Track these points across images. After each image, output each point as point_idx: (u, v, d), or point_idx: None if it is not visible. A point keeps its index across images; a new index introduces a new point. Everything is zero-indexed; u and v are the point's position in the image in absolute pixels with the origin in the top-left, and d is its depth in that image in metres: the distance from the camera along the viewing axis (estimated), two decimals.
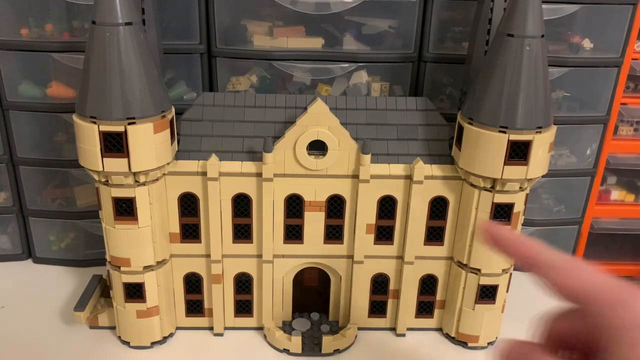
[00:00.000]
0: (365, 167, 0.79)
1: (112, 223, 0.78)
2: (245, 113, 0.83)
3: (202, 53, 0.92)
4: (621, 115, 1.00)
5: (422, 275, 0.88)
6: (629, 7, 0.90)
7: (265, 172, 0.78)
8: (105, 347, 0.87)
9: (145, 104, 0.71)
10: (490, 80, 0.73)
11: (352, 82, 0.95)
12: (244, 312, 0.90)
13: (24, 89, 0.93)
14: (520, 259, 0.36)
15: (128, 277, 0.81)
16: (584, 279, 0.32)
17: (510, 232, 0.37)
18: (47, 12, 0.90)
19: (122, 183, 0.75)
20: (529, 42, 0.69)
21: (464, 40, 0.93)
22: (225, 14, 0.90)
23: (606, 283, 0.32)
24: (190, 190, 0.81)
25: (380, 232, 0.85)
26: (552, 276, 0.33)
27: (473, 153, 0.76)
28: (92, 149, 0.72)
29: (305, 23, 0.91)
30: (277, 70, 0.93)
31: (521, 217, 0.81)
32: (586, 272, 0.33)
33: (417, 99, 0.85)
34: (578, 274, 0.33)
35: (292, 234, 0.84)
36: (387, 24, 0.93)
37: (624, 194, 1.09)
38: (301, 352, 0.85)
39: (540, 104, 0.72)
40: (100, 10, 0.67)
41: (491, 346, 0.90)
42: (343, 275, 0.87)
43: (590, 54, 0.94)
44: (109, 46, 0.68)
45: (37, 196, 1.02)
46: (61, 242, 1.06)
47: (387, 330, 0.92)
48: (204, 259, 0.85)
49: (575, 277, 0.33)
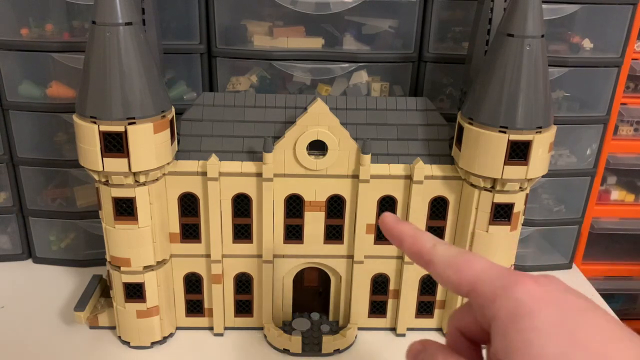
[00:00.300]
0: (365, 167, 0.79)
1: (112, 223, 0.78)
2: (245, 113, 0.83)
3: (202, 53, 0.92)
4: (621, 115, 1.00)
5: (422, 275, 0.88)
6: (629, 7, 0.90)
7: (265, 172, 0.78)
8: (105, 347, 0.87)
9: (145, 104, 0.71)
10: (490, 80, 0.72)
11: (352, 82, 0.95)
12: (244, 312, 0.90)
13: (24, 89, 0.93)
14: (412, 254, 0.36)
15: (128, 277, 0.81)
16: (468, 271, 0.32)
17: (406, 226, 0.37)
18: (47, 12, 0.90)
19: (122, 183, 0.75)
20: (529, 42, 0.69)
21: (464, 40, 0.93)
22: (225, 14, 0.91)
23: (488, 273, 0.32)
24: (190, 190, 0.81)
25: (380, 232, 0.85)
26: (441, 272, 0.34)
27: (473, 153, 0.76)
28: (92, 149, 0.72)
29: (305, 23, 0.91)
30: (277, 70, 0.93)
31: (521, 217, 0.81)
32: (472, 264, 0.33)
33: (417, 99, 0.85)
34: (463, 267, 0.33)
35: (292, 234, 0.84)
36: (387, 24, 0.93)
37: (624, 194, 1.09)
38: (301, 352, 0.85)
39: (540, 104, 0.72)
40: (100, 10, 0.67)
41: None
42: (343, 275, 0.87)
43: (590, 54, 0.94)
44: (109, 46, 0.68)
45: (37, 196, 1.02)
46: (61, 242, 1.06)
47: (387, 330, 0.92)
48: (204, 259, 0.85)
49: (460, 270, 0.33)
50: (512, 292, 0.30)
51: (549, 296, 0.29)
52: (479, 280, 0.32)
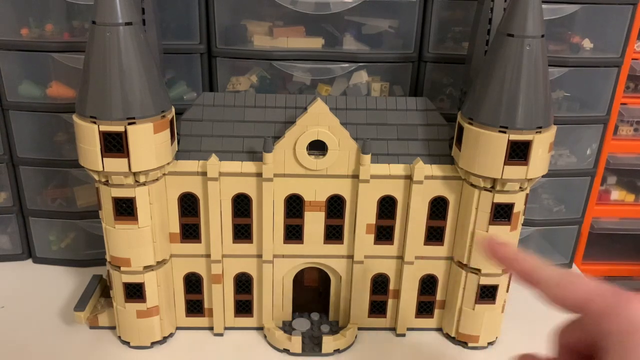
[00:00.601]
0: (365, 167, 0.79)
1: (112, 223, 0.78)
2: (245, 113, 0.83)
3: (202, 53, 0.92)
4: (621, 115, 1.00)
5: (422, 275, 0.88)
6: (629, 7, 0.90)
7: (265, 172, 0.78)
8: (105, 347, 0.87)
9: (145, 104, 0.71)
10: (490, 80, 0.72)
11: (352, 82, 0.95)
12: (244, 312, 0.90)
13: (24, 89, 0.93)
14: (519, 274, 0.37)
15: (128, 277, 0.81)
16: (579, 290, 0.34)
17: (510, 249, 0.39)
18: (47, 12, 0.90)
19: (122, 183, 0.75)
20: (529, 42, 0.69)
21: (464, 40, 0.93)
22: (225, 14, 0.91)
23: (599, 291, 0.33)
24: (190, 190, 0.81)
25: (380, 232, 0.85)
26: (551, 291, 0.35)
27: (473, 153, 0.76)
28: (92, 149, 0.72)
29: (305, 23, 0.91)
30: (277, 70, 0.93)
31: (521, 217, 0.81)
32: (581, 282, 0.34)
33: (417, 99, 0.85)
34: (573, 286, 0.34)
35: (292, 234, 0.84)
36: (387, 24, 0.93)
37: (624, 194, 1.09)
38: (301, 352, 0.85)
39: (540, 104, 0.72)
40: (100, 10, 0.67)
41: (491, 346, 0.90)
42: (343, 275, 0.87)
43: (590, 54, 0.94)
44: (109, 46, 0.68)
45: (37, 196, 1.02)
46: (61, 242, 1.06)
47: (387, 330, 0.92)
48: (204, 259, 0.85)
49: (570, 289, 0.34)
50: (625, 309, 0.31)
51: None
52: (590, 298, 0.33)
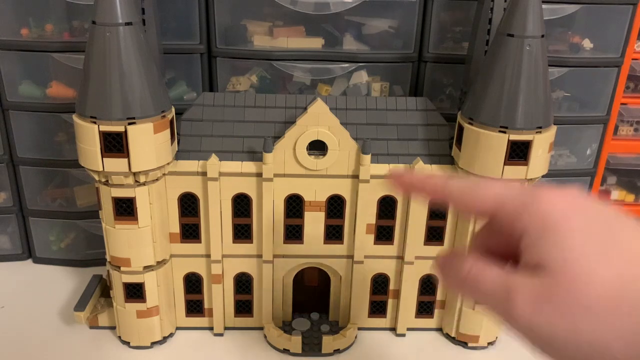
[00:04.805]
0: (365, 167, 0.79)
1: (112, 223, 0.78)
2: (245, 113, 0.83)
3: (202, 53, 0.92)
4: (621, 115, 1.00)
5: (422, 275, 0.88)
6: (629, 7, 0.90)
7: (265, 172, 0.78)
8: (105, 347, 0.87)
9: (145, 104, 0.71)
10: (490, 80, 0.73)
11: (352, 82, 0.95)
12: (244, 312, 0.90)
13: (24, 89, 0.93)
14: (430, 195, 0.36)
15: (128, 277, 0.81)
16: (488, 194, 0.33)
17: (416, 173, 0.38)
18: (47, 12, 0.90)
19: (122, 183, 0.75)
20: (529, 42, 0.69)
21: (464, 40, 0.93)
22: (225, 14, 0.90)
23: (508, 192, 0.32)
24: (190, 190, 0.81)
25: (380, 232, 0.85)
26: (462, 200, 0.34)
27: (473, 153, 0.76)
28: (92, 149, 0.72)
29: (305, 23, 0.91)
30: (277, 70, 0.93)
31: None
32: (490, 186, 0.33)
33: (417, 99, 0.85)
34: (483, 191, 0.33)
35: (292, 234, 0.84)
36: (387, 24, 0.93)
37: (624, 194, 1.09)
38: (301, 352, 0.85)
39: (540, 104, 0.72)
40: (100, 10, 0.67)
41: (491, 346, 0.90)
42: (343, 275, 0.87)
43: (590, 54, 0.94)
44: (109, 46, 0.68)
45: (37, 196, 1.02)
46: (61, 242, 1.06)
47: (387, 330, 0.92)
48: (204, 259, 0.85)
49: (481, 195, 0.33)
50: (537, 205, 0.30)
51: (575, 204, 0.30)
52: (500, 201, 0.32)
